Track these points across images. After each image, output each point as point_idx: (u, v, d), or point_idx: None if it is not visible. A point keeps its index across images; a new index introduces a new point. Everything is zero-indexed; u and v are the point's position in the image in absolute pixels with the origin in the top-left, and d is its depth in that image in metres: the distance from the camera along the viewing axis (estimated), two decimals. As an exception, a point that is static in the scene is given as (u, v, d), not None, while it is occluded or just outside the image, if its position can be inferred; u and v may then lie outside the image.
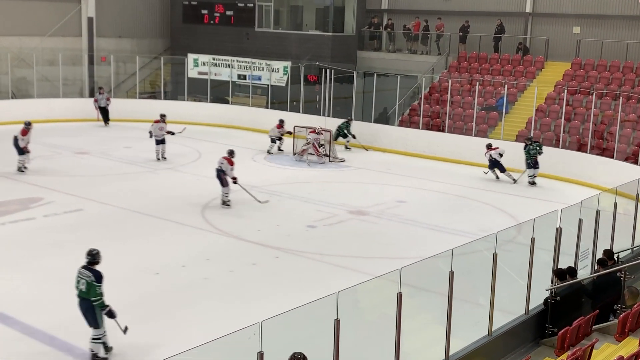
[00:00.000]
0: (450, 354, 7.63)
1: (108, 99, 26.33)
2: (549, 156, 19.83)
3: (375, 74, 24.85)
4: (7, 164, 18.93)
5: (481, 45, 26.86)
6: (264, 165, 20.76)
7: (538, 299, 9.14)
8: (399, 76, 24.55)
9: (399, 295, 6.83)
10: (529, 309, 9.00)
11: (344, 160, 21.43)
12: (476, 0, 27.76)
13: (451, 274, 7.50)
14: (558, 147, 21.07)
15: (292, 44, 29.08)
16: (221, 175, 15.81)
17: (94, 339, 8.65)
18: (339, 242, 13.82)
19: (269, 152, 22.56)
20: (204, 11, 31.22)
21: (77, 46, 30.10)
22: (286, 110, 26.15)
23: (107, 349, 8.76)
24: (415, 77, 25.89)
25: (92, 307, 8.62)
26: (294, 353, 6.03)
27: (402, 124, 24.78)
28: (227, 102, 28.49)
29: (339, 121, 23.93)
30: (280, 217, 15.27)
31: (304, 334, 6.67)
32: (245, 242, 13.51)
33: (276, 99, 27.54)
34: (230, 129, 26.72)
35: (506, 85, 23.63)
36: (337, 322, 6.25)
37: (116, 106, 27.30)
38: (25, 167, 18.23)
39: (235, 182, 15.82)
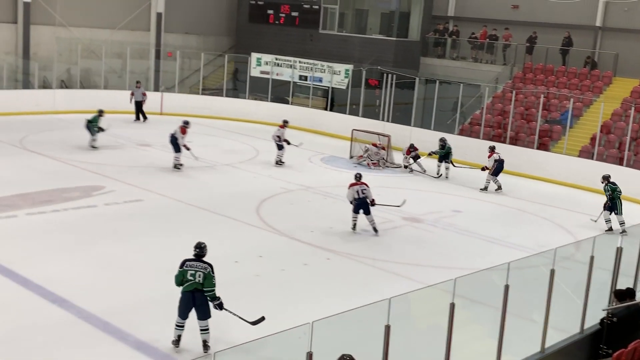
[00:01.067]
0: (501, 368, 7.49)
1: (144, 94, 25.82)
2: (613, 176, 19.28)
3: (437, 81, 24.63)
4: (71, 151, 19.49)
5: (548, 57, 26.34)
6: (320, 167, 20.81)
7: (593, 318, 8.90)
8: (461, 84, 24.28)
9: (452, 306, 6.74)
10: (584, 328, 8.76)
11: (400, 167, 21.30)
12: (545, 11, 27.25)
13: (506, 287, 7.37)
14: (622, 165, 20.47)
15: (355, 47, 29.07)
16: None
17: (204, 329, 8.69)
18: (392, 248, 13.74)
19: (277, 163, 20.19)
20: (270, 11, 31.50)
21: (145, 40, 30.79)
22: (345, 113, 26.17)
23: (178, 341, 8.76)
24: (478, 86, 25.56)
25: (207, 298, 8.65)
26: (343, 355, 6.02)
27: (462, 132, 24.48)
28: (287, 102, 28.67)
29: (398, 127, 23.80)
30: (334, 220, 15.27)
31: (353, 337, 6.64)
32: (297, 242, 13.56)
33: (336, 101, 27.56)
34: (288, 129, 26.84)
35: (572, 99, 23.09)
36: (387, 329, 6.20)
37: (179, 101, 27.80)
38: (181, 165, 18.58)
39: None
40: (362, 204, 14.23)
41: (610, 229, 15.72)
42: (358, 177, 14.71)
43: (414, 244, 14.15)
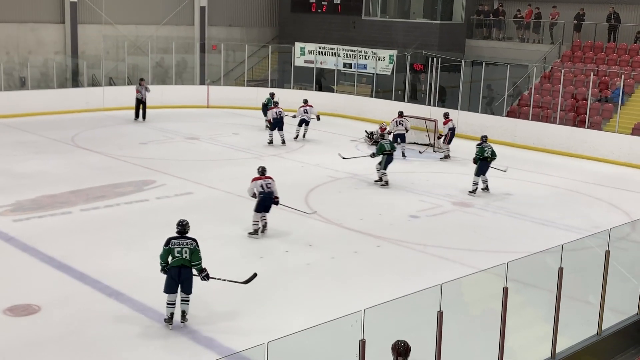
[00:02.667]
0: (557, 352, 7.39)
1: (147, 89, 24.27)
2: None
3: (483, 63, 24.26)
4: (122, 147, 19.87)
5: (597, 34, 25.67)
6: (367, 154, 20.72)
7: (653, 300, 8.71)
8: (508, 65, 23.86)
9: (505, 290, 6.68)
10: (643, 309, 8.59)
11: (448, 151, 21.06)
12: (593, -13, 26.56)
13: (560, 270, 7.25)
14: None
15: (398, 33, 28.86)
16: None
17: (185, 301, 9.27)
18: (442, 233, 13.64)
19: (295, 138, 21.75)
20: (312, 0, 31.47)
21: (190, 35, 31.14)
22: (391, 99, 26.02)
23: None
24: (525, 66, 25.08)
25: (191, 273, 9.24)
26: (398, 341, 6.01)
27: (510, 114, 24.09)
28: (332, 90, 28.64)
29: (444, 110, 23.60)
30: (383, 207, 15.23)
31: (405, 324, 6.64)
32: (347, 229, 13.57)
33: (381, 87, 27.44)
34: (335, 117, 26.87)
35: (622, 76, 22.48)
36: (440, 314, 6.18)
37: (225, 94, 28.04)
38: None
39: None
40: (267, 199, 12.80)
41: None
42: (261, 170, 13.19)
43: (465, 228, 14.01)
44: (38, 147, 19.57)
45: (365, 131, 22.15)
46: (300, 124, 22.13)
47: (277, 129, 21.08)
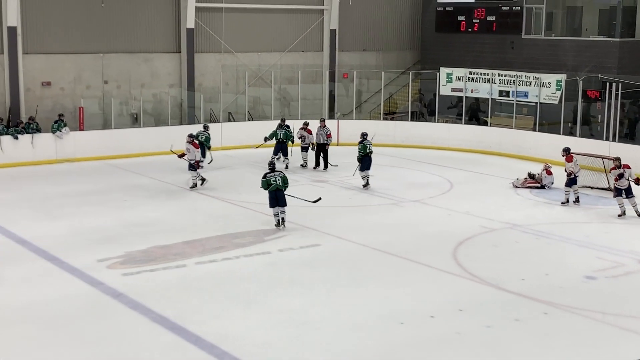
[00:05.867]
0: None
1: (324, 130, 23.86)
2: None
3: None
4: (240, 191, 20.53)
5: None
6: (528, 200, 20.27)
7: None
8: None
9: None
10: None
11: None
12: None
13: None
14: None
15: (567, 53, 28.31)
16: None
17: (283, 212, 16.84)
18: (628, 299, 13.02)
19: (302, 165, 24.07)
20: (461, 17, 31.52)
21: (318, 62, 31.94)
22: (558, 133, 25.42)
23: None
24: None
25: (283, 193, 16.83)
26: None
27: None
28: (485, 123, 28.34)
29: (628, 147, 22.70)
30: (550, 265, 14.77)
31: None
32: (505, 292, 13.25)
33: (546, 119, 26.86)
34: (488, 155, 26.53)
35: None
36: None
37: (358, 129, 28.38)
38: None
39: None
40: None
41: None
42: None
43: (656, 293, 13.32)
44: (150, 192, 20.63)
45: (529, 173, 21.65)
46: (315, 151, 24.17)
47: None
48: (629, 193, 18.20)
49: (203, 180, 20.98)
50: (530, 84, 27.16)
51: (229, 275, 13.95)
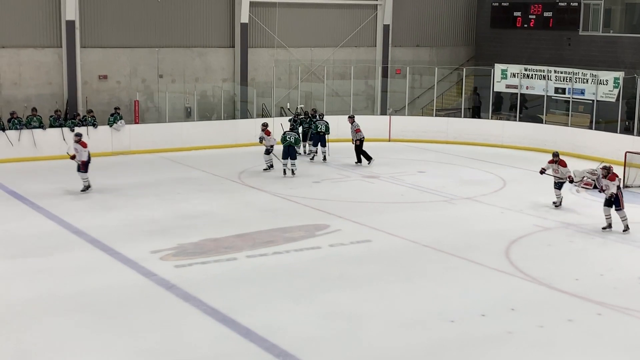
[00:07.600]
0: None
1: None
2: None
3: None
4: (292, 186, 20.61)
5: None
6: (584, 200, 19.93)
7: None
8: None
9: None
10: None
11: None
12: None
13: None
14: None
15: (626, 50, 27.80)
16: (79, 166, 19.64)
17: (294, 164, 21.48)
18: (684, 302, 12.74)
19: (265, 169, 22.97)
20: (517, 13, 31.16)
21: (370, 57, 31.93)
22: (615, 132, 25.00)
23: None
24: None
25: (295, 149, 21.56)
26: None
27: None
28: (540, 120, 27.98)
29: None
30: (605, 265, 14.53)
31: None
32: (558, 292, 13.08)
33: (603, 117, 26.43)
34: (542, 153, 26.16)
35: None
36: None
37: (410, 125, 28.35)
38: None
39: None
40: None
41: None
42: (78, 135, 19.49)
43: None
44: (203, 185, 20.85)
45: (587, 171, 21.23)
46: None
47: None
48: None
49: (270, 167, 22.63)
50: (587, 81, 26.73)
51: (279, 269, 14.01)
